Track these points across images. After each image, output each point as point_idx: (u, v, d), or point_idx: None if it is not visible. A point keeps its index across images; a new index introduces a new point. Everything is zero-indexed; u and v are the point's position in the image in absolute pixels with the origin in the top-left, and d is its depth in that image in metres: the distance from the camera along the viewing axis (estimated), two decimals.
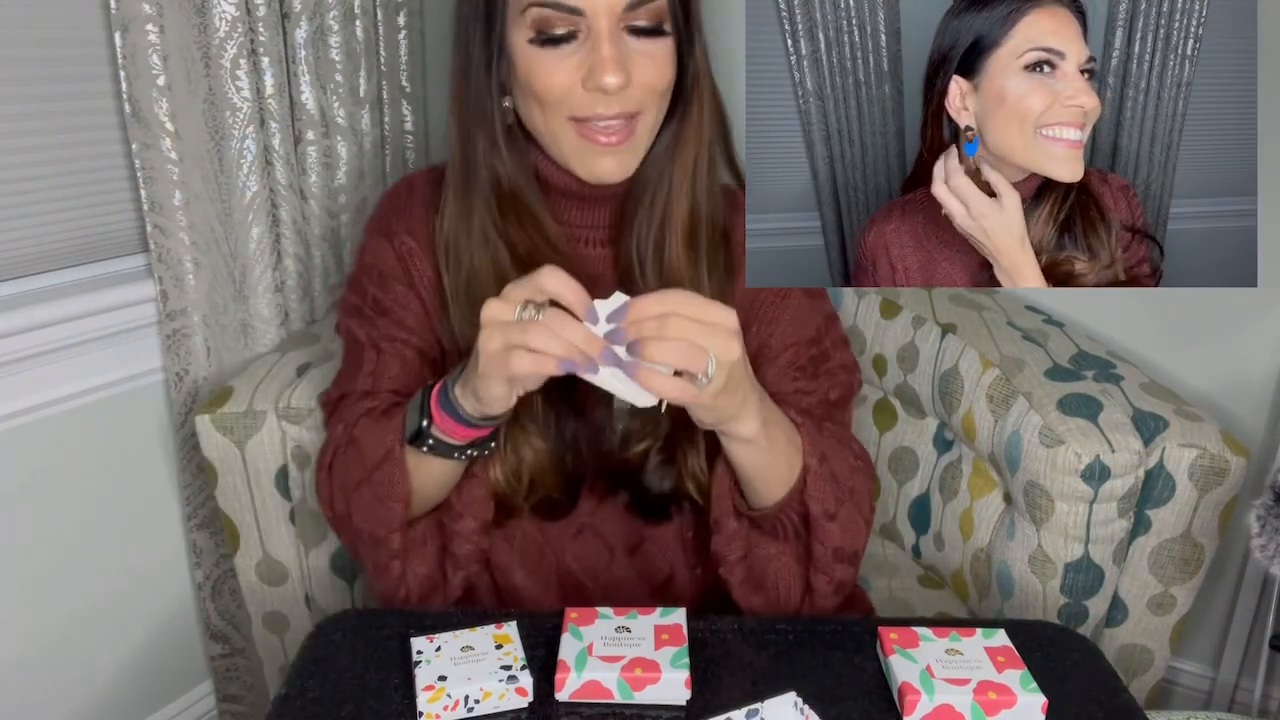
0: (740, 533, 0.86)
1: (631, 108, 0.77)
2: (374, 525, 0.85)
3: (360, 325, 0.93)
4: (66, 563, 1.25)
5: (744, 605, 0.87)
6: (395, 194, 0.94)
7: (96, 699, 1.33)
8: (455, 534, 0.87)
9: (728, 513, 0.85)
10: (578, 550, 0.93)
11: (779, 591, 0.87)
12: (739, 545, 0.86)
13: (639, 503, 0.91)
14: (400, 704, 0.71)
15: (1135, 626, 1.13)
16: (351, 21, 1.31)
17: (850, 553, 0.86)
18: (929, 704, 0.69)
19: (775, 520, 0.85)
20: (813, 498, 0.82)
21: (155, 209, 1.16)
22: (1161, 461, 1.06)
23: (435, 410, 0.78)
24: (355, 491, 0.85)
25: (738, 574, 0.86)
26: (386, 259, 0.91)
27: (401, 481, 0.82)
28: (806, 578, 0.87)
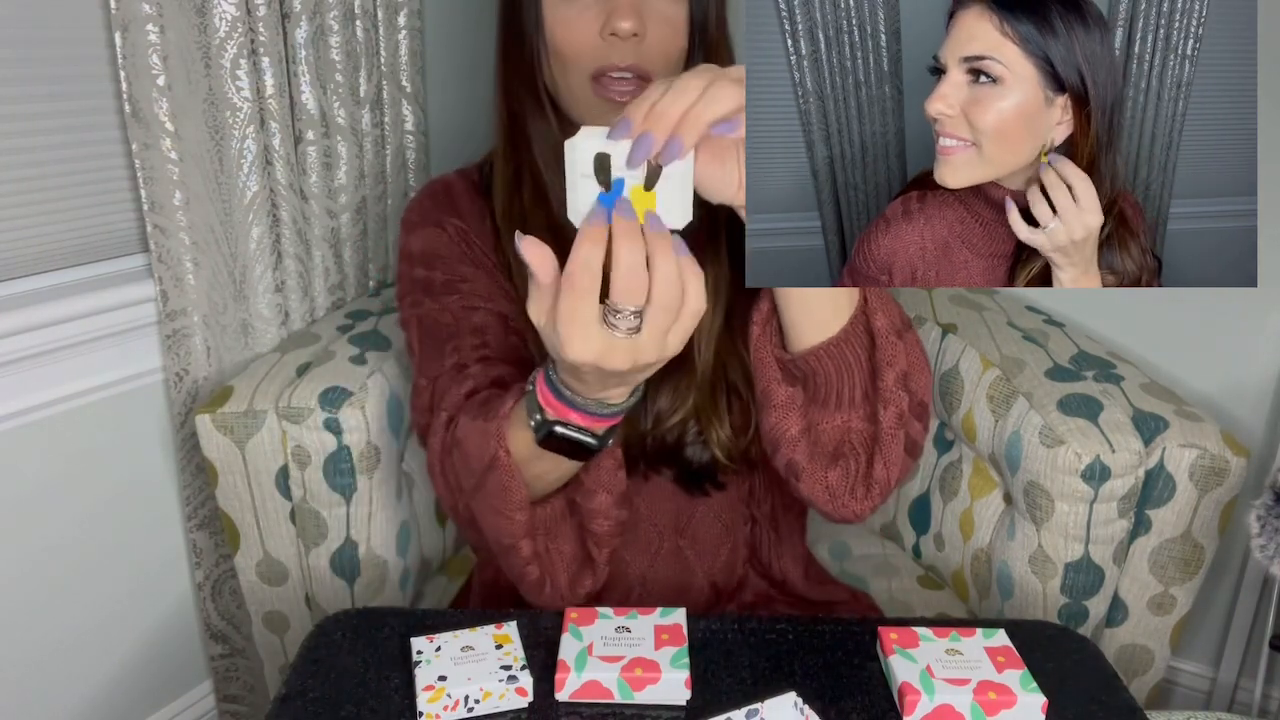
0: (795, 401, 0.76)
1: (645, 65, 0.80)
2: (498, 535, 0.80)
3: (432, 303, 0.89)
4: (66, 563, 1.25)
5: (819, 486, 0.78)
6: (432, 191, 0.95)
7: (97, 699, 1.33)
8: (592, 512, 0.80)
9: (775, 379, 0.76)
10: (628, 538, 0.92)
11: (856, 460, 0.78)
12: (795, 417, 0.76)
13: (683, 476, 0.91)
14: (400, 704, 0.71)
15: (1135, 626, 1.13)
16: (351, 21, 1.31)
17: (919, 395, 0.77)
18: (929, 704, 0.69)
19: (836, 368, 0.74)
20: (878, 311, 0.73)
21: (155, 209, 1.16)
22: (1162, 462, 1.06)
23: (564, 409, 0.69)
24: (473, 498, 0.80)
25: (802, 450, 0.77)
26: (441, 242, 0.91)
27: (516, 489, 0.76)
28: (875, 422, 0.76)
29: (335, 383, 1.13)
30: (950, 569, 1.27)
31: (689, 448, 0.89)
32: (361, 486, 1.15)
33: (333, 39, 1.29)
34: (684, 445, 0.89)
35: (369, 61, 1.36)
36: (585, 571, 0.84)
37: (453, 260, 0.90)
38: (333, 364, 1.18)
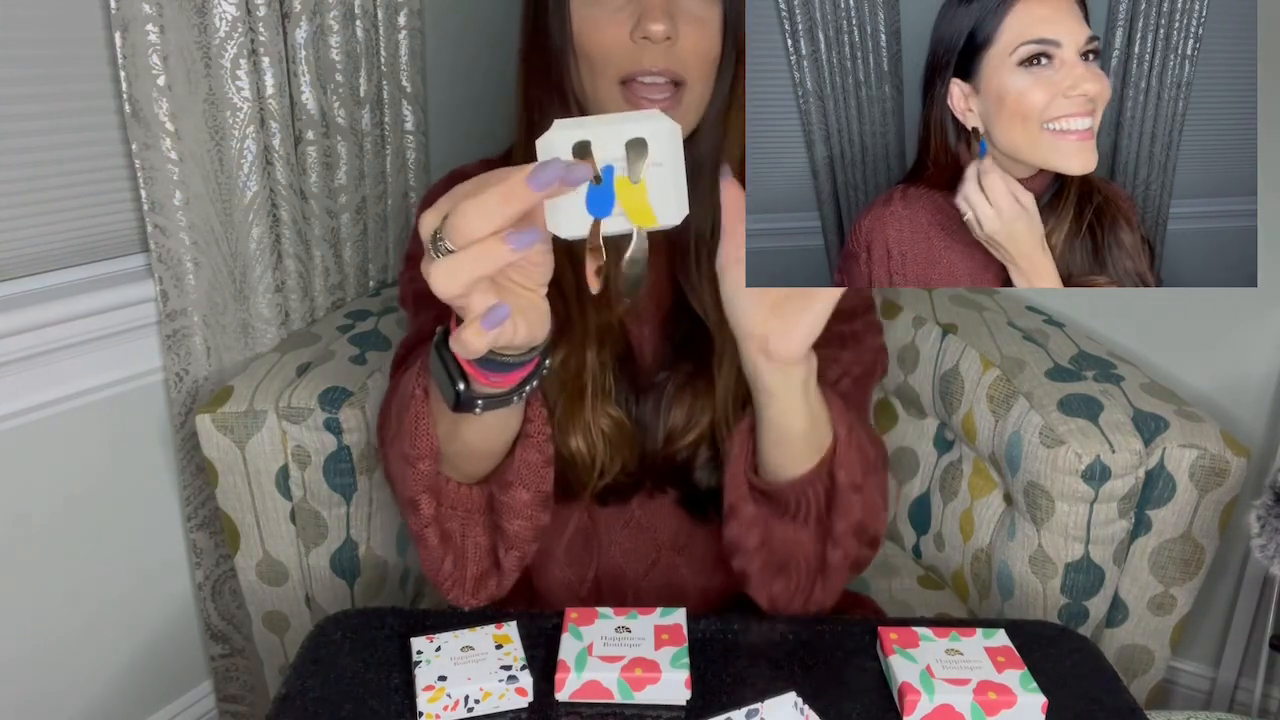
0: (758, 518, 0.80)
1: (677, 69, 0.77)
2: (404, 487, 0.77)
3: (415, 302, 0.90)
4: (66, 563, 1.25)
5: (764, 593, 0.83)
6: (452, 176, 0.93)
7: (96, 699, 1.33)
8: (505, 507, 0.78)
9: (744, 497, 0.79)
10: (625, 544, 0.92)
11: (800, 575, 0.82)
12: (757, 532, 0.80)
13: (688, 499, 0.90)
14: (400, 704, 0.71)
15: (1135, 627, 1.13)
16: (351, 21, 1.31)
17: (871, 534, 0.81)
18: (929, 704, 0.69)
19: (797, 499, 0.79)
20: (841, 466, 0.77)
21: (155, 209, 1.16)
22: (1162, 462, 1.06)
23: (468, 366, 0.64)
24: (390, 446, 0.78)
25: (756, 562, 0.81)
26: None
27: (424, 433, 0.73)
28: (824, 555, 0.81)
29: (335, 383, 1.13)
30: (950, 569, 1.27)
31: (699, 471, 0.88)
32: (361, 486, 1.15)
33: (333, 39, 1.29)
34: (694, 468, 0.88)
35: (369, 61, 1.36)
36: (490, 574, 0.82)
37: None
38: (333, 364, 1.18)
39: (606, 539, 0.92)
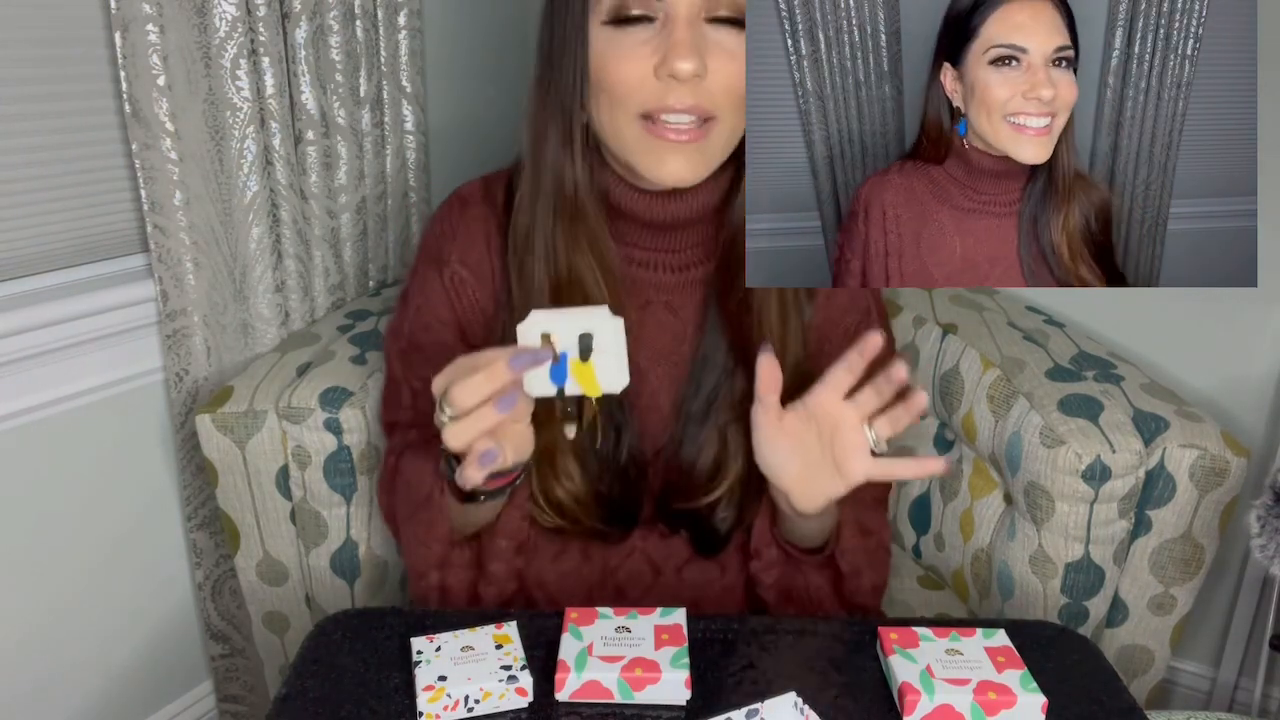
0: (778, 560, 0.88)
1: (706, 105, 0.72)
2: (415, 560, 0.88)
3: (398, 359, 0.94)
4: (66, 563, 1.25)
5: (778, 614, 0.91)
6: (448, 214, 0.91)
7: (96, 698, 1.33)
8: (490, 551, 0.87)
9: (767, 543, 0.88)
10: (629, 569, 0.93)
11: (812, 607, 0.90)
12: (775, 571, 0.89)
13: (700, 539, 0.91)
14: (400, 704, 0.71)
15: (1135, 627, 1.13)
16: (351, 21, 1.31)
17: (879, 587, 0.91)
18: (929, 704, 0.69)
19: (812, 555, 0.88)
20: (843, 556, 0.86)
21: (155, 209, 1.16)
22: (1162, 462, 1.06)
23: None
24: (404, 525, 0.89)
25: (772, 595, 0.89)
26: (433, 295, 0.90)
27: (440, 524, 0.84)
28: (838, 595, 0.90)
29: (335, 383, 1.13)
30: (950, 569, 1.27)
31: (720, 516, 0.88)
32: (362, 486, 1.15)
33: (333, 39, 1.29)
34: (715, 513, 0.88)
35: (369, 61, 1.36)
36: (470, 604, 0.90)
37: (435, 323, 0.90)
38: (333, 364, 1.18)
39: (606, 566, 0.93)
